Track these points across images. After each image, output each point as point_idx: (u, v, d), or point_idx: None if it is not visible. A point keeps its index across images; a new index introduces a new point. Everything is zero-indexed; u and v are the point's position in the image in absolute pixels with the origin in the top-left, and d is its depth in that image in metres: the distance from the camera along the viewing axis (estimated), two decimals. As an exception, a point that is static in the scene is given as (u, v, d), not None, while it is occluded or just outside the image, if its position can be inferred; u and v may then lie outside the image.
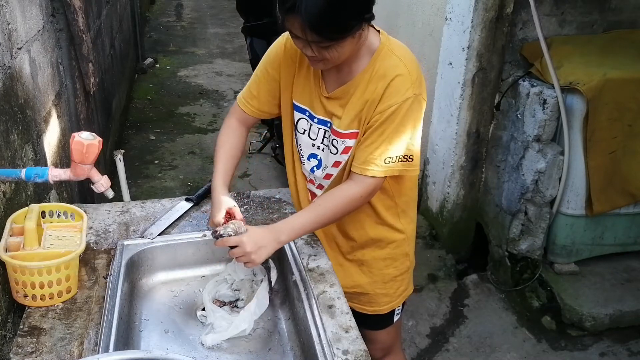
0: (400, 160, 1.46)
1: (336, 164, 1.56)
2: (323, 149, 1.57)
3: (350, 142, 1.50)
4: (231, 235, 1.39)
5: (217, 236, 1.40)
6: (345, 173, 1.55)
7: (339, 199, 1.48)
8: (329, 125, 1.54)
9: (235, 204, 1.50)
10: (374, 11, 1.39)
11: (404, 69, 1.43)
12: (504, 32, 2.79)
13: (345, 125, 1.49)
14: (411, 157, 1.48)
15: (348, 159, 1.53)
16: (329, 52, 1.34)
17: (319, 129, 1.56)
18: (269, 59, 1.60)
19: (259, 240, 1.40)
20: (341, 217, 1.53)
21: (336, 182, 1.58)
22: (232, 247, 1.40)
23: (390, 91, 1.41)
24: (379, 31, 1.50)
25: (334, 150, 1.54)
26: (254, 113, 1.65)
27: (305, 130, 1.59)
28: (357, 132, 1.49)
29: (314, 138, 1.58)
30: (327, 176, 1.59)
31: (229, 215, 1.47)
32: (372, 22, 1.48)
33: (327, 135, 1.55)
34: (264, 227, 1.47)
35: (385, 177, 1.49)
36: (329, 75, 1.51)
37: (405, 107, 1.41)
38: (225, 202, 1.49)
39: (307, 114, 1.57)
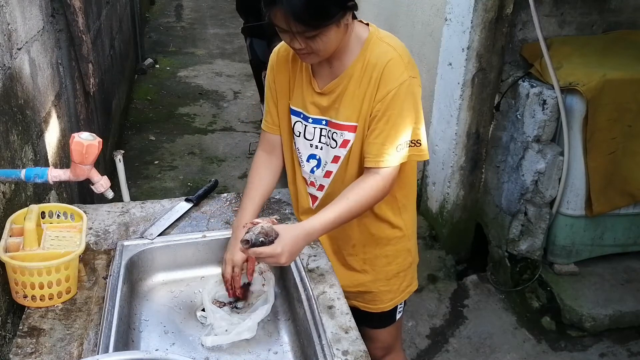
0: (409, 145, 1.48)
1: (335, 159, 1.56)
2: (321, 147, 1.58)
3: (349, 136, 1.51)
4: (263, 241, 1.27)
5: (247, 243, 1.27)
6: (348, 170, 1.55)
7: (365, 192, 1.46)
8: (324, 122, 1.54)
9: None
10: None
11: (394, 53, 1.44)
12: (504, 33, 2.79)
13: (344, 116, 1.49)
14: (419, 141, 1.49)
15: (346, 154, 1.53)
16: (315, 42, 1.35)
17: (315, 128, 1.56)
18: (268, 70, 1.63)
19: (295, 250, 1.34)
20: (367, 210, 1.52)
21: (336, 180, 1.58)
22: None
23: (386, 77, 1.43)
24: (367, 24, 1.51)
25: (333, 144, 1.54)
26: (273, 130, 1.67)
27: (300, 133, 1.60)
28: (356, 126, 1.49)
29: (311, 138, 1.58)
30: (327, 174, 1.59)
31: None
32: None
33: (324, 133, 1.56)
34: (297, 230, 1.37)
35: (399, 165, 1.49)
36: (322, 71, 1.52)
37: (403, 89, 1.42)
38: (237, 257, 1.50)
39: (302, 116, 1.58)
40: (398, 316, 1.81)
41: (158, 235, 1.63)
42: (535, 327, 2.80)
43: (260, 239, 1.27)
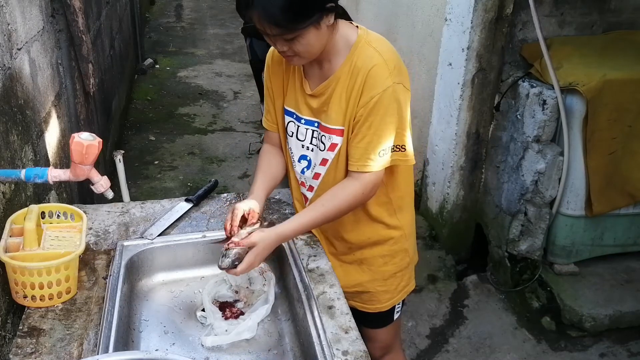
0: (393, 150, 1.48)
1: (323, 161, 1.57)
2: (312, 149, 1.58)
3: (337, 140, 1.51)
4: (236, 265, 1.38)
5: (221, 267, 1.38)
6: (337, 173, 1.56)
7: (341, 197, 1.49)
8: (316, 125, 1.55)
9: (255, 208, 1.52)
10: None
11: (380, 59, 1.44)
12: (504, 33, 2.79)
13: (333, 120, 1.50)
14: (403, 146, 1.50)
15: (334, 157, 1.54)
16: (295, 44, 1.36)
17: (307, 129, 1.57)
18: (265, 70, 1.64)
19: (266, 253, 1.44)
20: (344, 214, 1.54)
21: (325, 182, 1.59)
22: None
23: (370, 83, 1.43)
24: (357, 27, 1.51)
25: (322, 147, 1.55)
26: (273, 128, 1.69)
27: (293, 133, 1.60)
28: (343, 130, 1.50)
29: (302, 139, 1.59)
30: (316, 176, 1.60)
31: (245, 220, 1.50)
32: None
33: (315, 135, 1.56)
34: (270, 238, 1.44)
35: (383, 170, 1.50)
36: (313, 73, 1.53)
37: (386, 96, 1.43)
38: (245, 205, 1.51)
39: (295, 116, 1.59)
40: (396, 316, 1.81)
41: (158, 236, 1.63)
42: (535, 327, 2.80)
43: (235, 264, 1.38)
